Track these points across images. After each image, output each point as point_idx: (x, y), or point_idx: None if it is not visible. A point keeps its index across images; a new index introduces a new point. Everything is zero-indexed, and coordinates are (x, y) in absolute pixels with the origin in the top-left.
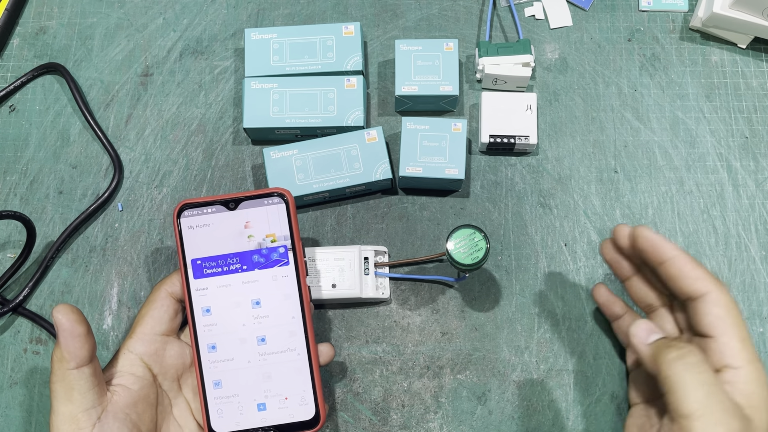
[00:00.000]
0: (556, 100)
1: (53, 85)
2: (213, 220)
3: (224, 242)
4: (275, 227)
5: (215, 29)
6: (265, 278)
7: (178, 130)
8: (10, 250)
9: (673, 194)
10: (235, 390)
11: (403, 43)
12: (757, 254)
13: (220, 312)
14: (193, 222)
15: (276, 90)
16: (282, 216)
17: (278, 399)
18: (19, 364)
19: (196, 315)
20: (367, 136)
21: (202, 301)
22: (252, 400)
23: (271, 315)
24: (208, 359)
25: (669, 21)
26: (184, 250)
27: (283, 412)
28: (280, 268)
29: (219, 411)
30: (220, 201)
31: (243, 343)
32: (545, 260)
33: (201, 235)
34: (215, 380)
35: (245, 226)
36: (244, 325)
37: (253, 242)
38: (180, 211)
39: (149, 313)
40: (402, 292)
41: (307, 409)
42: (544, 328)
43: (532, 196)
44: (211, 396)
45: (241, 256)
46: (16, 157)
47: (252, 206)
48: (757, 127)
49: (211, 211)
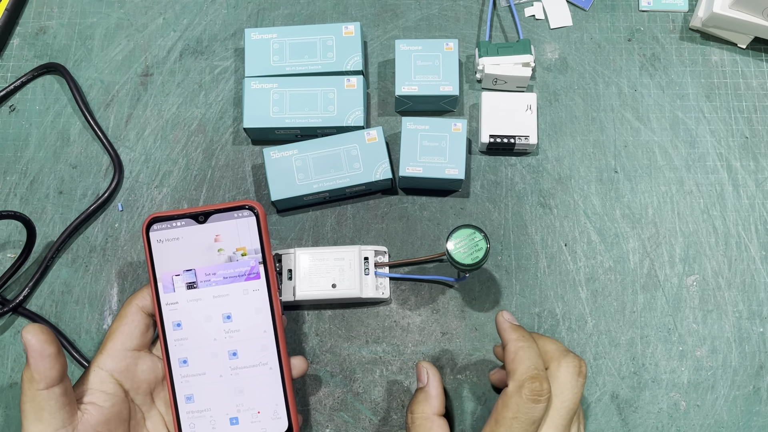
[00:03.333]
0: (556, 100)
1: (53, 85)
2: (182, 233)
3: (194, 256)
4: (245, 240)
5: (215, 29)
6: (236, 292)
7: (178, 130)
8: (10, 250)
9: (673, 194)
10: (207, 404)
11: (403, 43)
12: (757, 254)
13: (191, 326)
14: (162, 236)
15: (276, 90)
16: (252, 229)
17: (251, 413)
18: (19, 364)
19: (167, 329)
20: (367, 136)
21: (172, 316)
22: (224, 414)
23: (242, 329)
24: (179, 373)
25: (669, 21)
26: (154, 264)
27: (256, 426)
28: (251, 281)
29: (191, 425)
30: (190, 214)
31: (214, 357)
32: (545, 260)
33: (170, 249)
34: (187, 395)
35: (215, 239)
36: (215, 339)
37: (223, 256)
38: (149, 225)
39: (120, 329)
40: (402, 292)
41: (279, 423)
42: (544, 328)
43: (532, 196)
44: (183, 410)
45: (211, 270)
46: (16, 157)
47: (222, 219)
48: (757, 127)
49: (180, 224)
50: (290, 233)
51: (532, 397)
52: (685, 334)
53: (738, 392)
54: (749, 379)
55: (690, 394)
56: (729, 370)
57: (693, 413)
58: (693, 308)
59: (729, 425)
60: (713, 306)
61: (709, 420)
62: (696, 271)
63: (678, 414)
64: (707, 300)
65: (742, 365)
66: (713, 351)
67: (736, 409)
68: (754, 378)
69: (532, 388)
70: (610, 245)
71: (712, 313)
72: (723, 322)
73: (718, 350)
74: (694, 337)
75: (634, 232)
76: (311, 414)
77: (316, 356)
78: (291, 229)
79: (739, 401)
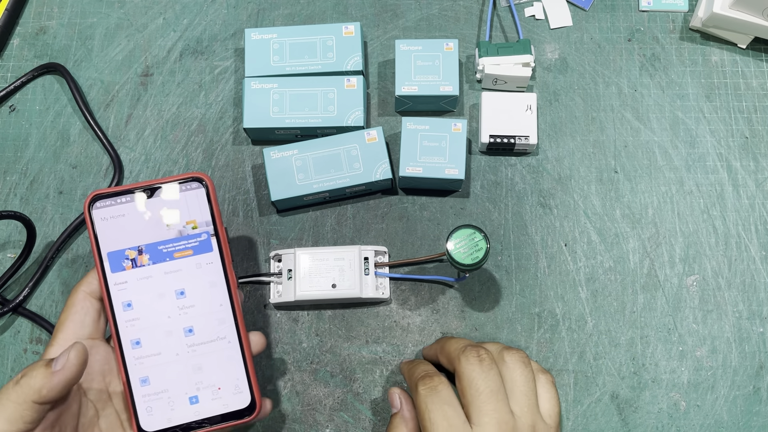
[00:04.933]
0: (556, 100)
1: (53, 85)
2: (128, 210)
3: (141, 232)
4: (195, 213)
5: (215, 29)
6: (189, 267)
7: (178, 130)
8: (10, 250)
9: (673, 194)
10: (164, 385)
11: (403, 43)
12: (757, 254)
13: (143, 305)
14: (106, 213)
15: (276, 90)
16: (202, 201)
17: (211, 390)
18: (19, 364)
19: (117, 310)
20: (367, 136)
21: (121, 296)
22: (183, 393)
23: (197, 304)
24: (132, 356)
25: (669, 21)
26: (99, 242)
27: (217, 402)
28: (204, 255)
29: (148, 409)
30: (134, 189)
31: (169, 335)
32: (545, 260)
33: (116, 226)
34: (142, 377)
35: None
36: (169, 317)
37: (172, 230)
38: (91, 203)
39: (69, 318)
40: (402, 292)
41: (242, 398)
42: (544, 328)
43: (532, 196)
44: (139, 394)
45: (161, 245)
46: (16, 157)
47: None
48: (757, 127)
49: (125, 200)
50: (290, 233)
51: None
52: (685, 334)
53: (738, 392)
54: (749, 379)
55: (690, 394)
56: (729, 370)
57: (693, 413)
58: (693, 308)
59: (729, 425)
60: (713, 306)
61: (709, 420)
62: (696, 271)
63: (678, 414)
64: (707, 300)
65: (742, 365)
66: (713, 351)
67: (736, 409)
68: (754, 378)
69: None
70: (610, 245)
71: (712, 313)
72: (723, 322)
73: (718, 350)
74: (694, 337)
75: (634, 232)
76: (311, 414)
77: (316, 356)
78: (291, 229)
79: (739, 401)
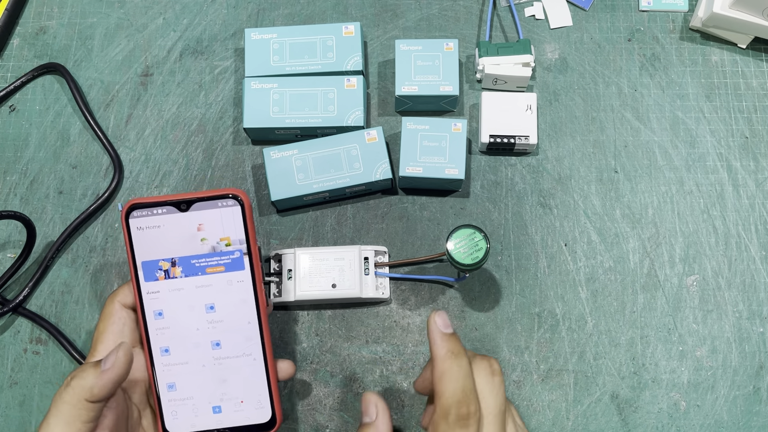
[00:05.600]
0: (556, 100)
1: (53, 85)
2: (164, 221)
3: (176, 245)
4: (230, 230)
5: (215, 29)
6: (220, 283)
7: (178, 130)
8: (10, 250)
9: (673, 194)
10: (189, 393)
11: (403, 43)
12: (757, 254)
13: (173, 316)
14: (142, 223)
15: (276, 90)
16: (237, 219)
17: (234, 402)
18: (19, 364)
19: (148, 318)
20: (367, 136)
21: (153, 305)
22: (207, 402)
23: (225, 320)
24: (161, 362)
25: (669, 21)
26: (134, 251)
27: (239, 414)
28: (235, 273)
29: (173, 413)
30: (171, 202)
31: (197, 347)
32: (545, 260)
33: (151, 237)
34: (169, 383)
35: (198, 228)
36: (198, 329)
37: (206, 245)
38: (128, 212)
39: (108, 329)
40: (402, 292)
41: (263, 413)
42: (544, 328)
43: (532, 196)
44: (165, 398)
45: (194, 259)
46: (16, 157)
47: (205, 208)
48: (757, 127)
49: (161, 212)
50: (290, 233)
51: (459, 423)
52: (685, 334)
53: (738, 392)
54: (749, 379)
55: (690, 394)
56: (729, 370)
57: (693, 413)
58: (693, 308)
59: (729, 425)
60: (713, 306)
61: (709, 420)
62: (696, 271)
63: (678, 414)
64: (707, 300)
65: (742, 365)
66: (713, 351)
67: (736, 409)
68: (754, 378)
69: (458, 413)
70: (610, 245)
71: (712, 313)
72: (723, 322)
73: (718, 350)
74: (694, 337)
75: (634, 232)
76: (311, 414)
77: (316, 356)
78: (291, 229)
79: (739, 401)
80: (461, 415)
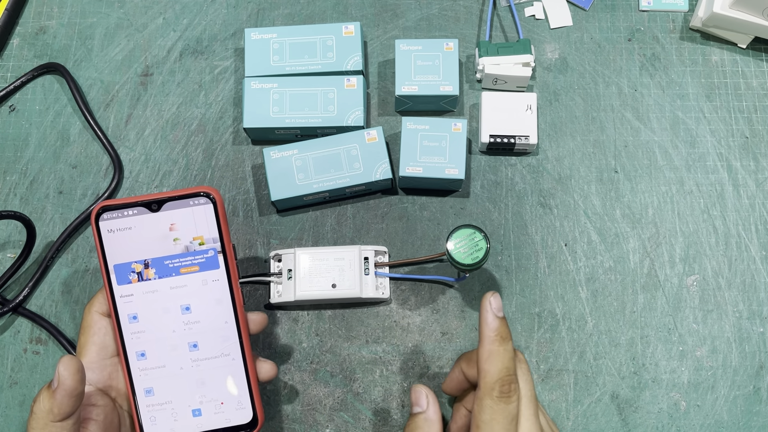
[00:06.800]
0: (556, 100)
1: (53, 85)
2: (135, 222)
3: (148, 246)
4: (203, 229)
5: (215, 29)
6: (195, 283)
7: (178, 130)
8: (10, 250)
9: (673, 194)
10: (167, 397)
11: (403, 43)
12: (757, 254)
13: (148, 319)
14: (113, 225)
15: (276, 90)
16: (210, 217)
17: (214, 404)
18: (19, 364)
19: (122, 322)
20: (367, 136)
21: (127, 308)
22: (186, 406)
23: (202, 320)
24: (137, 367)
25: (669, 21)
26: (105, 254)
27: (219, 417)
28: (210, 272)
29: (152, 419)
30: (142, 202)
31: (174, 349)
32: (545, 260)
33: (123, 239)
34: (146, 388)
35: (170, 228)
36: (174, 331)
37: (179, 245)
38: (98, 215)
39: (90, 340)
40: (402, 292)
41: (244, 413)
42: (544, 328)
43: (532, 196)
44: (143, 404)
45: (167, 260)
46: (16, 157)
47: (177, 207)
48: (757, 127)
49: (132, 213)
50: (290, 233)
51: (503, 398)
52: (685, 334)
53: (738, 392)
54: (749, 379)
55: (690, 394)
56: (729, 370)
57: (693, 413)
58: (693, 308)
59: (729, 425)
60: (713, 306)
61: (709, 420)
62: (696, 271)
63: (678, 414)
64: (707, 300)
65: (742, 365)
66: (713, 351)
67: (736, 409)
68: (754, 378)
69: (502, 390)
70: (610, 245)
71: (712, 313)
72: (723, 322)
73: (718, 350)
74: (694, 337)
75: (634, 232)
76: (311, 414)
77: (316, 356)
78: (291, 229)
79: (739, 401)
80: (504, 392)
